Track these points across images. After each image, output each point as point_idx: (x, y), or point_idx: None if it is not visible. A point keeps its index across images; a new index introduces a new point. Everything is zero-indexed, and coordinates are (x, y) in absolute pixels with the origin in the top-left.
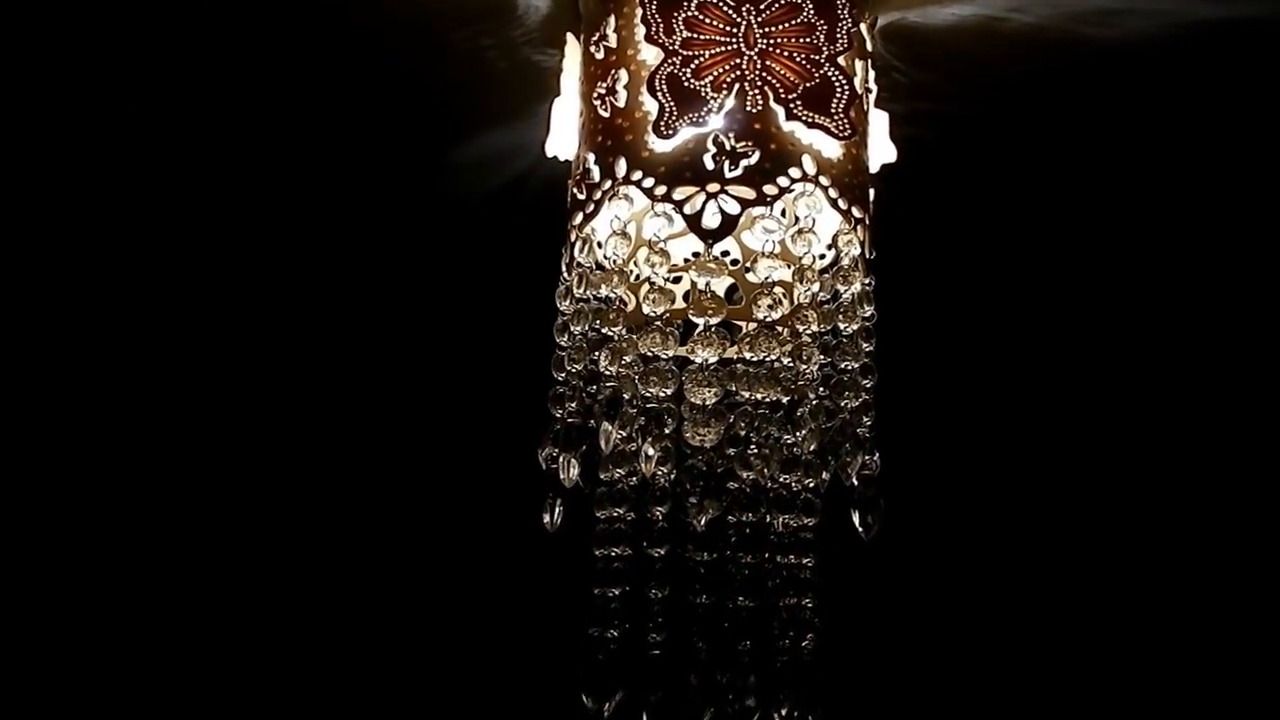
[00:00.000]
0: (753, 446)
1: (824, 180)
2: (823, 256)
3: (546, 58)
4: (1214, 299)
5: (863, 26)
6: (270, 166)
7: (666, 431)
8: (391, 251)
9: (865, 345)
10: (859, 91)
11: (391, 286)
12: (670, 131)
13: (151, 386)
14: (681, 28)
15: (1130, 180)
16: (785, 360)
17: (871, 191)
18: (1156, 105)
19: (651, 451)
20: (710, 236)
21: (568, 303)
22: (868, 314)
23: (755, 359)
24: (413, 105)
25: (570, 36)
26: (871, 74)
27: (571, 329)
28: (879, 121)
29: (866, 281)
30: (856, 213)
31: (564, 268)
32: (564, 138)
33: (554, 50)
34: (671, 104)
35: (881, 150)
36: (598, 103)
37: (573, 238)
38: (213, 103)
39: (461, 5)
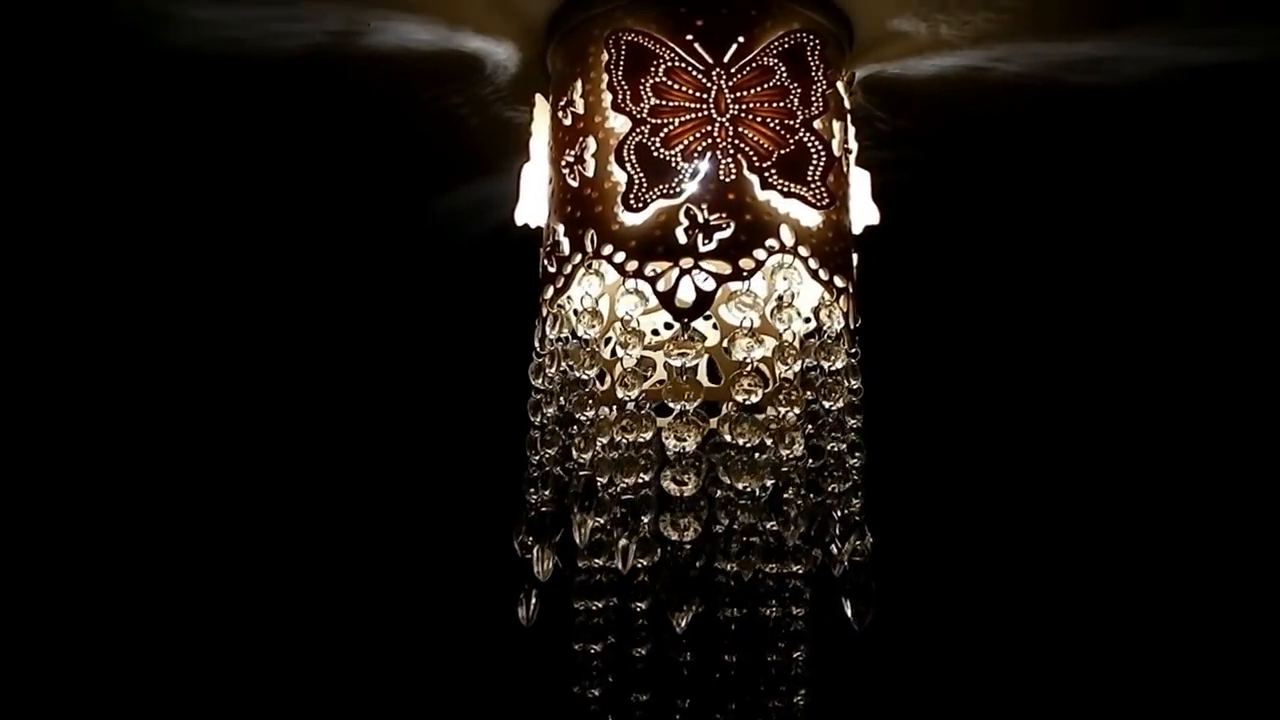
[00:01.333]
0: (735, 538)
1: (803, 250)
2: (807, 320)
3: (518, 114)
4: (1204, 343)
5: (840, 85)
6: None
7: (645, 521)
8: (379, 293)
9: (852, 421)
10: (837, 155)
11: (380, 328)
12: (640, 205)
13: (143, 428)
14: (649, 94)
15: (1118, 225)
16: (768, 443)
17: (855, 257)
18: (1144, 149)
19: (628, 546)
20: (684, 315)
21: (540, 380)
22: (854, 387)
23: (736, 445)
24: (390, 158)
25: (539, 98)
26: (851, 131)
27: (544, 410)
28: (861, 181)
29: (852, 353)
30: (839, 282)
31: (536, 342)
32: (534, 205)
33: (526, 107)
34: (641, 175)
35: (864, 212)
36: (566, 171)
37: (544, 312)
38: (206, 159)
39: (428, 64)
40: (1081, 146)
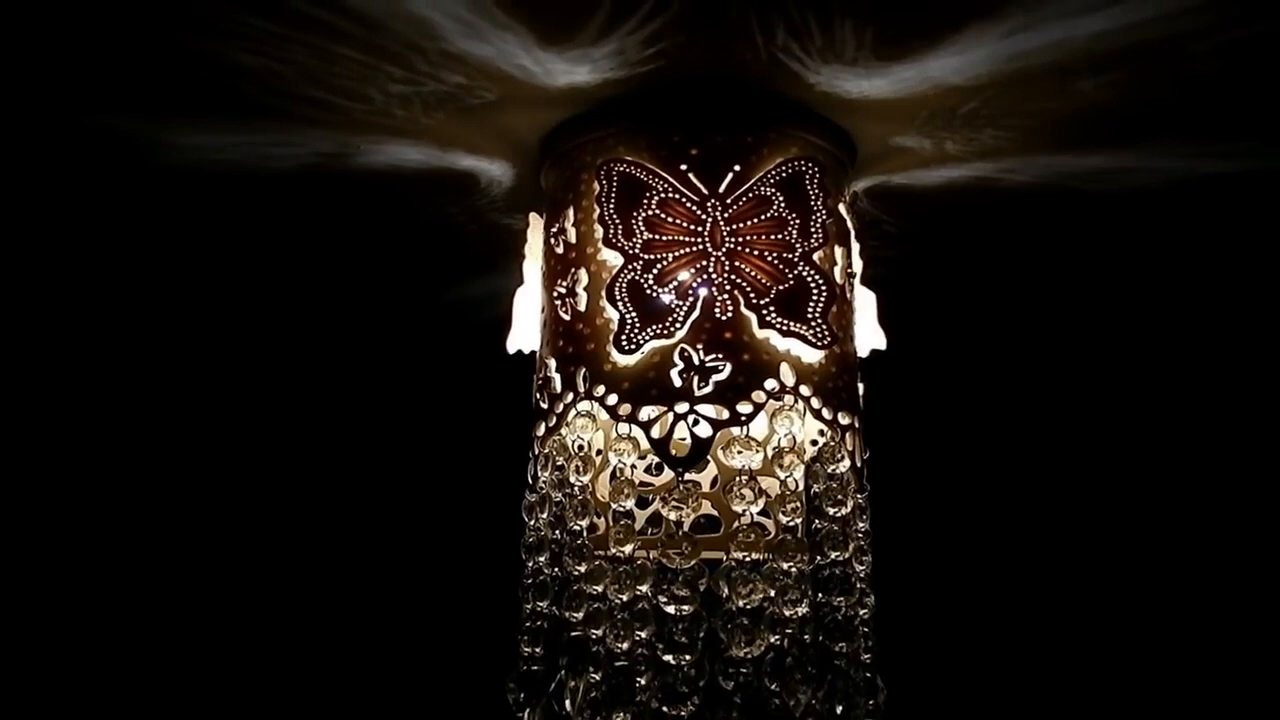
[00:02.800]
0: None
1: (805, 389)
2: (812, 463)
3: (516, 221)
4: (1215, 451)
5: (841, 208)
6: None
7: (640, 685)
8: (394, 375)
9: (860, 568)
10: (840, 284)
11: (397, 411)
12: (633, 347)
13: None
14: (642, 228)
15: (1132, 326)
16: (770, 601)
17: (861, 387)
18: (1155, 251)
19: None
20: (680, 465)
21: (533, 520)
22: (862, 531)
23: (737, 604)
24: (392, 261)
25: (534, 217)
26: (856, 250)
27: (536, 556)
28: (866, 304)
29: (860, 496)
30: (844, 419)
31: (529, 478)
32: (526, 330)
33: (523, 216)
34: (633, 315)
35: (870, 336)
36: (558, 303)
37: (535, 450)
38: (212, 267)
39: (421, 181)
40: (1092, 248)
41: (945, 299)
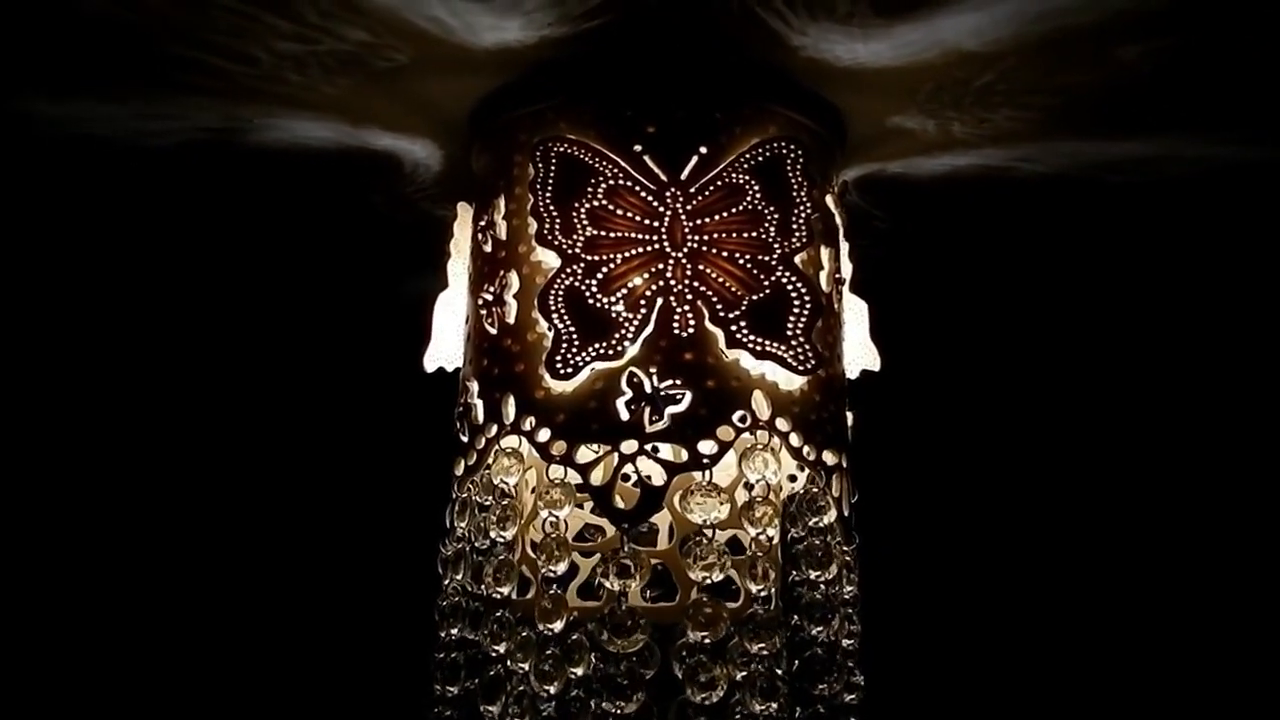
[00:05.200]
0: None
1: (782, 424)
2: (792, 479)
3: (447, 213)
4: (1235, 451)
5: (829, 200)
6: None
7: None
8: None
9: (848, 643)
10: (826, 292)
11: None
12: (570, 369)
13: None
14: (585, 223)
15: (1160, 339)
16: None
17: (850, 417)
18: (1185, 254)
19: None
20: (625, 520)
21: (449, 579)
22: (848, 596)
23: (695, 697)
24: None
25: (462, 207)
26: (845, 252)
27: (450, 625)
28: (857, 314)
29: (847, 551)
30: (829, 458)
31: (447, 522)
32: (449, 344)
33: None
34: (571, 330)
35: (861, 354)
36: (483, 312)
37: (454, 491)
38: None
39: (332, 162)
40: (1114, 248)
41: (941, 308)
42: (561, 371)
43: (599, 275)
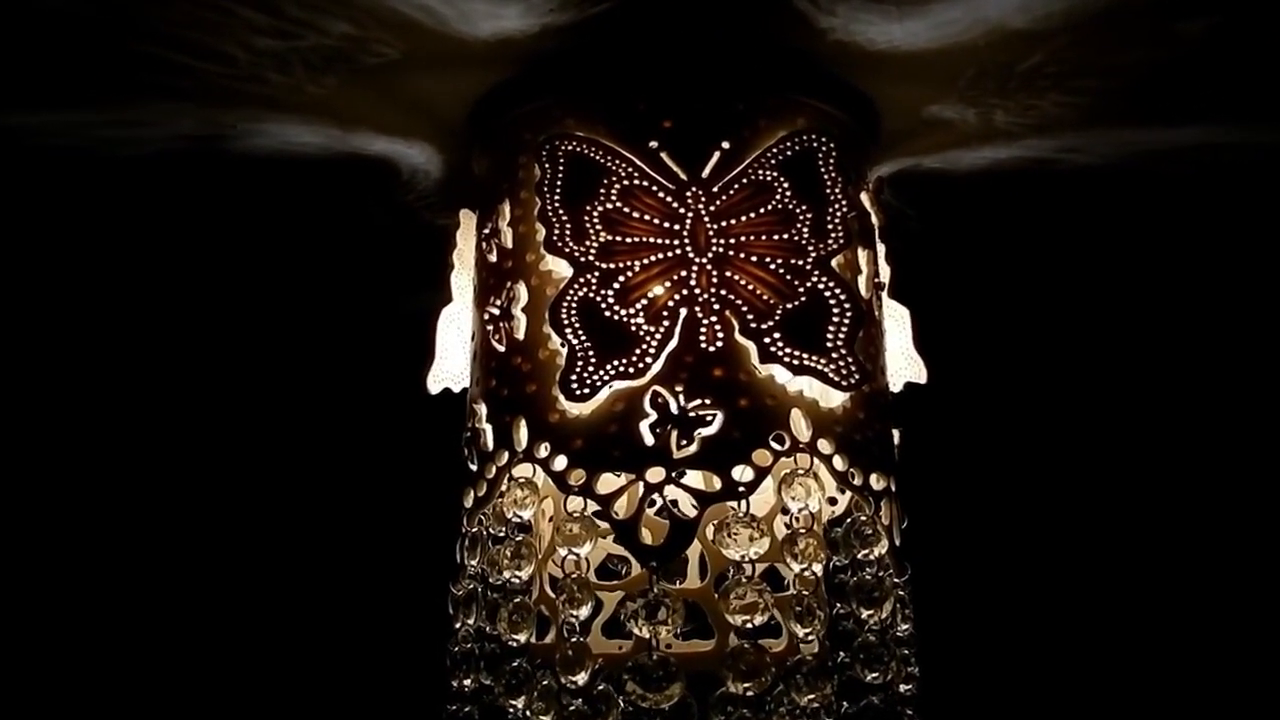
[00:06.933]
0: None
1: (824, 445)
2: (832, 501)
3: (450, 222)
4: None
5: (864, 198)
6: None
7: None
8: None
9: (906, 688)
10: (867, 299)
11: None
12: (587, 389)
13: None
14: (599, 228)
15: (1225, 344)
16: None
17: (896, 435)
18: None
19: None
20: (653, 556)
21: (460, 626)
22: (903, 634)
23: None
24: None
25: (465, 214)
26: (882, 252)
27: (461, 676)
28: (899, 321)
29: (899, 584)
30: (877, 482)
31: (457, 559)
32: (454, 363)
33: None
34: (587, 346)
35: (905, 364)
36: (490, 328)
37: (464, 526)
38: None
39: (323, 169)
40: (1169, 247)
41: (978, 314)
42: (578, 392)
43: (616, 285)
